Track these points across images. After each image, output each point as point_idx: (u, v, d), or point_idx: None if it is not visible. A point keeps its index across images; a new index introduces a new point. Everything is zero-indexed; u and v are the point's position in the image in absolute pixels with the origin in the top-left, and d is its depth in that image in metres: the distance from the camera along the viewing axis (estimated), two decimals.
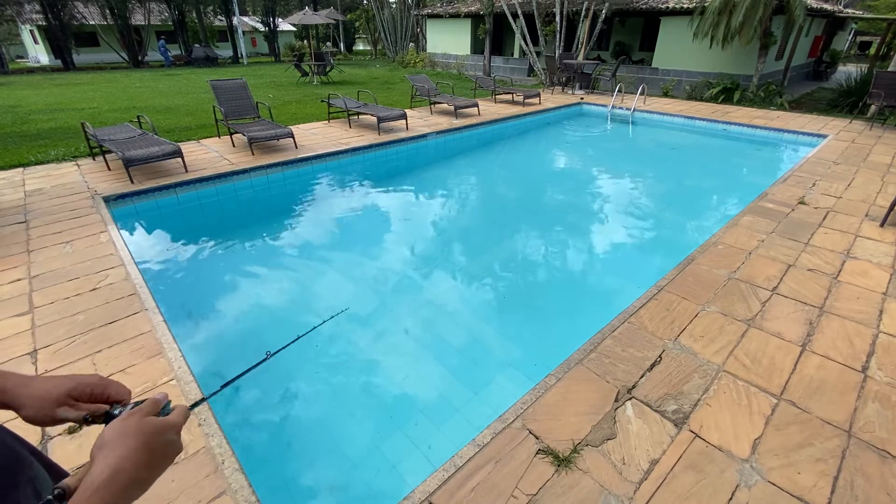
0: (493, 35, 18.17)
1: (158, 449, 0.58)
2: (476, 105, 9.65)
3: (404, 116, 8.08)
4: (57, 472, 0.73)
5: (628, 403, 2.31)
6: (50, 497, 0.53)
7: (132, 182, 5.33)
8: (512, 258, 4.55)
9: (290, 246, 4.74)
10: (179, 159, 5.67)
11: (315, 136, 7.80)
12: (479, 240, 5.07)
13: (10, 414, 0.65)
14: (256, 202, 5.91)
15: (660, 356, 2.65)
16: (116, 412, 0.63)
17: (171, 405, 0.67)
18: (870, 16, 21.96)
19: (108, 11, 23.35)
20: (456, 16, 19.49)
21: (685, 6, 12.92)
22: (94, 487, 0.51)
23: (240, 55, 26.40)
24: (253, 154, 6.55)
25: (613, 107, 10.93)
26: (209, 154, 6.62)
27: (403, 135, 7.88)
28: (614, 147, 9.21)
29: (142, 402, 0.64)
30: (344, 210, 5.61)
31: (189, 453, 1.99)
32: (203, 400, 0.80)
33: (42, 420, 0.65)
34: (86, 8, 23.79)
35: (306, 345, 3.18)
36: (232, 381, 0.85)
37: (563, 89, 13.48)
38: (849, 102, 10.70)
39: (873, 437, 2.13)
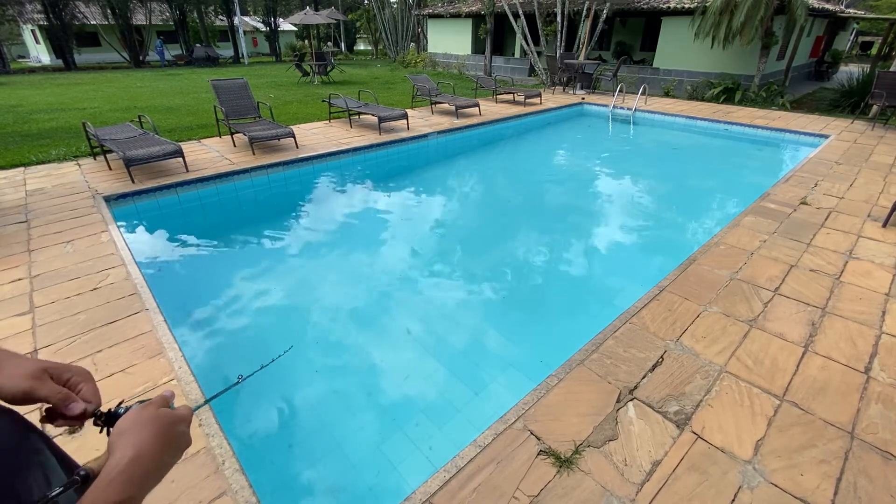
0: (494, 35, 18.17)
1: (173, 437, 0.61)
2: (477, 105, 9.65)
3: (405, 116, 8.07)
4: (68, 464, 0.73)
5: (630, 404, 2.30)
6: (76, 477, 0.54)
7: (133, 182, 5.33)
8: (513, 258, 4.55)
9: (291, 246, 4.74)
10: (180, 159, 5.67)
11: (316, 135, 7.80)
12: (481, 240, 5.06)
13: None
14: (257, 202, 5.91)
15: (661, 357, 2.64)
16: (122, 411, 0.64)
17: (175, 405, 0.69)
18: (871, 16, 21.91)
19: (109, 11, 23.39)
20: (457, 16, 19.49)
21: (686, 6, 12.91)
22: (117, 471, 0.52)
23: (241, 55, 26.41)
24: (254, 154, 6.54)
25: (615, 107, 10.92)
26: (210, 154, 6.62)
27: (404, 135, 7.88)
28: (615, 147, 9.19)
29: (147, 400, 0.66)
30: (345, 210, 5.61)
31: (189, 454, 1.99)
32: (198, 407, 0.81)
33: (9, 390, 0.62)
34: (87, 8, 23.83)
35: (307, 345, 3.18)
36: (207, 402, 0.89)
37: (564, 89, 13.47)
38: (850, 103, 10.68)
39: (876, 439, 2.12)
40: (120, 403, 0.67)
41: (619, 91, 11.38)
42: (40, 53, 28.54)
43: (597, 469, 1.96)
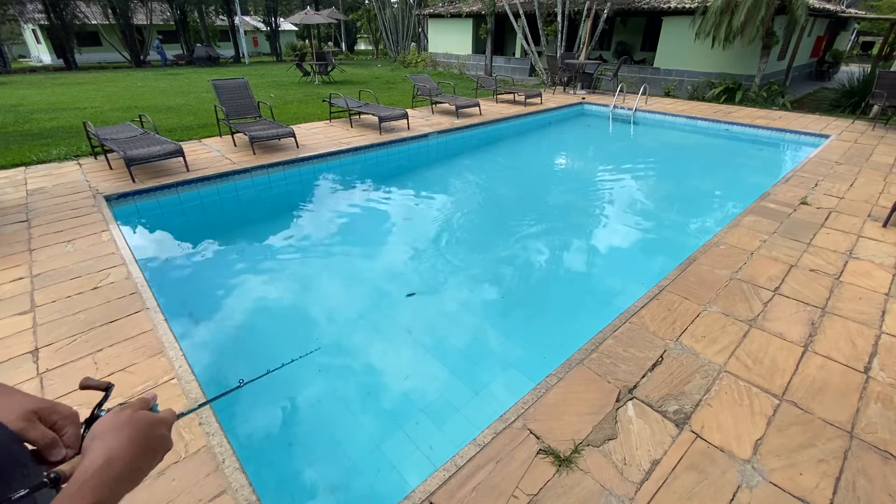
0: (494, 35, 18.17)
1: (150, 441, 0.59)
2: (477, 105, 9.65)
3: (406, 116, 8.08)
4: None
5: (629, 403, 2.30)
6: (45, 480, 0.53)
7: (134, 181, 5.34)
8: (513, 258, 4.55)
9: (292, 245, 4.74)
10: (181, 158, 5.68)
11: (316, 135, 7.81)
12: (481, 240, 5.06)
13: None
14: (258, 202, 5.92)
15: (661, 356, 2.64)
16: (102, 413, 0.63)
17: (159, 408, 0.68)
18: (872, 16, 21.89)
19: (109, 11, 23.41)
20: (457, 16, 19.49)
21: (687, 6, 12.90)
22: (88, 474, 0.51)
23: (241, 55, 26.43)
24: (254, 153, 6.55)
25: (615, 107, 10.92)
26: (211, 153, 6.63)
27: (405, 134, 7.88)
28: (616, 147, 9.19)
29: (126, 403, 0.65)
30: (345, 210, 5.61)
31: (189, 452, 1.99)
32: (181, 416, 0.78)
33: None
34: (88, 7, 23.85)
35: (307, 344, 3.18)
36: (206, 404, 0.89)
37: (564, 89, 13.47)
38: (851, 103, 10.67)
39: (875, 439, 2.12)
40: (101, 405, 0.65)
41: (620, 91, 11.37)
42: (41, 53, 28.58)
43: (596, 468, 1.96)
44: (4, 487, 0.57)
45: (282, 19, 30.83)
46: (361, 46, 43.40)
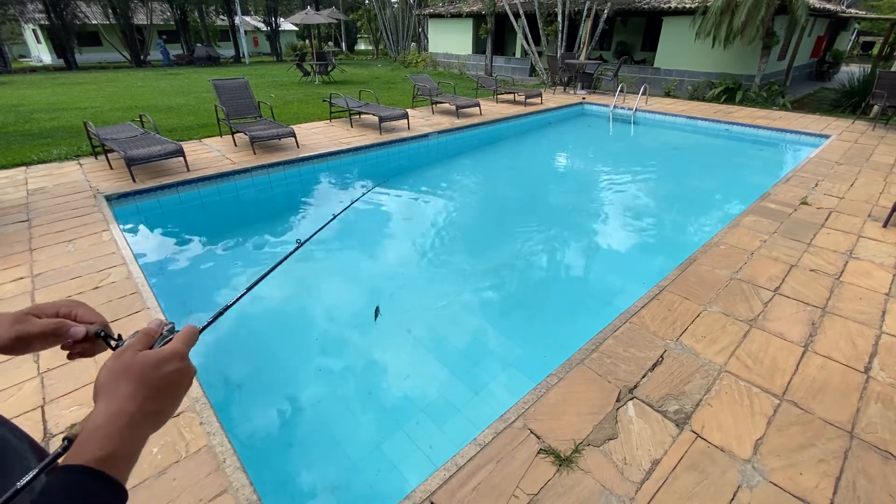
0: (494, 35, 18.17)
1: (158, 382, 0.54)
2: (478, 105, 9.65)
3: (406, 116, 8.08)
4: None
5: (630, 403, 2.30)
6: (59, 450, 0.51)
7: (134, 181, 5.34)
8: (513, 258, 4.55)
9: (291, 245, 4.73)
10: (181, 158, 5.68)
11: (317, 135, 7.81)
12: (481, 240, 5.06)
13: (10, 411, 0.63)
14: (258, 201, 5.92)
15: (661, 356, 2.64)
16: (122, 343, 0.59)
17: (176, 328, 0.63)
18: (873, 16, 21.89)
19: (110, 11, 23.42)
20: (458, 16, 19.49)
21: (687, 6, 12.90)
22: (95, 427, 0.49)
23: (242, 55, 26.43)
24: (255, 153, 6.55)
25: (615, 107, 10.92)
26: (211, 153, 6.63)
27: (405, 134, 7.88)
28: (616, 147, 9.19)
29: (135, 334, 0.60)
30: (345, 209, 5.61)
31: (190, 452, 1.99)
32: (217, 316, 0.73)
33: (3, 342, 0.61)
34: (88, 7, 23.87)
35: (307, 343, 3.18)
36: (258, 282, 0.81)
37: (564, 89, 13.47)
38: (851, 103, 10.67)
39: (876, 438, 2.12)
40: (135, 333, 0.62)
41: (620, 91, 11.37)
42: (41, 53, 28.59)
43: (596, 468, 1.96)
44: (5, 481, 0.57)
45: (282, 19, 30.81)
46: (361, 46, 43.40)
